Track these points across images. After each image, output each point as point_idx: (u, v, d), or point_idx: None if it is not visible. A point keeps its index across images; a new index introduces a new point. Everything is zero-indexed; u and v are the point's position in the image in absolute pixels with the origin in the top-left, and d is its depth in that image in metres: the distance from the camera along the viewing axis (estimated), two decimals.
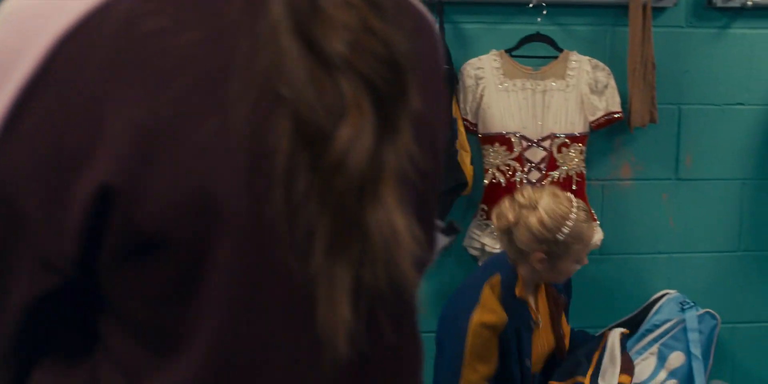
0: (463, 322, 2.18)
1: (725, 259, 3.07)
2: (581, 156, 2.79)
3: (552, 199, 2.18)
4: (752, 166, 3.03)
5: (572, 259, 2.23)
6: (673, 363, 2.79)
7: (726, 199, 3.04)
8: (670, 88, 2.94)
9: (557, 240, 2.15)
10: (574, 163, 2.78)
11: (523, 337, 2.27)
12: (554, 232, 2.14)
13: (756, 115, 3.01)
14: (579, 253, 2.22)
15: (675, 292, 2.93)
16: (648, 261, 3.02)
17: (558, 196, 2.21)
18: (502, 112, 2.77)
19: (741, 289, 3.09)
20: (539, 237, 2.15)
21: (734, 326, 3.09)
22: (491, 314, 2.18)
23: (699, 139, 3.00)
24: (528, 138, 2.77)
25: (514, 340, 2.25)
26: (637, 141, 2.97)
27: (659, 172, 2.99)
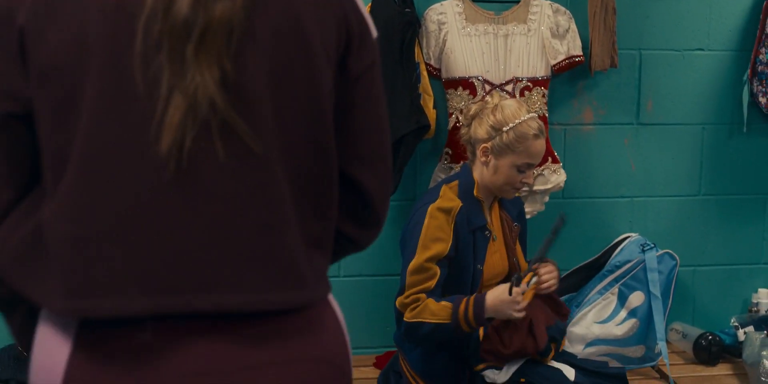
0: (421, 214, 2.30)
1: (686, 203, 3.13)
2: (543, 99, 2.82)
3: (515, 102, 2.37)
4: (712, 111, 3.08)
5: (512, 162, 2.30)
6: (633, 302, 2.85)
7: (686, 143, 3.09)
8: (631, 33, 2.98)
9: (501, 131, 2.30)
10: (537, 106, 2.81)
11: (478, 241, 2.36)
12: (502, 123, 2.30)
13: (716, 61, 3.06)
14: (519, 157, 2.30)
15: (637, 235, 2.98)
16: (610, 204, 3.08)
17: (521, 104, 2.38)
18: (465, 56, 2.79)
19: (701, 233, 3.15)
20: (490, 125, 2.31)
21: (695, 269, 3.16)
22: (448, 202, 2.32)
23: (660, 85, 3.04)
24: (491, 82, 2.80)
25: (470, 238, 2.33)
26: (598, 86, 3.01)
27: (621, 116, 3.03)
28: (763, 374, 2.66)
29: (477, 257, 2.36)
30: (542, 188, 2.85)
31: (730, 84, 3.07)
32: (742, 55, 3.06)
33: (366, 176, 1.20)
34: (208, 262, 1.05)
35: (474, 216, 2.35)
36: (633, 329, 2.84)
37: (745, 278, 3.20)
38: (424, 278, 2.29)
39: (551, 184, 2.85)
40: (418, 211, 2.33)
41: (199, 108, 1.00)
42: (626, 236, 2.99)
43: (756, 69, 3.01)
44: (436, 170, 2.90)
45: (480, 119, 2.35)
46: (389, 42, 2.66)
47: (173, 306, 1.04)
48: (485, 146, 2.32)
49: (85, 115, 1.02)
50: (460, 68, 2.80)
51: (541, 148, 2.33)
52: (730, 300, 3.20)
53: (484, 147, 2.32)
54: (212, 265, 1.05)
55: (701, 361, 2.91)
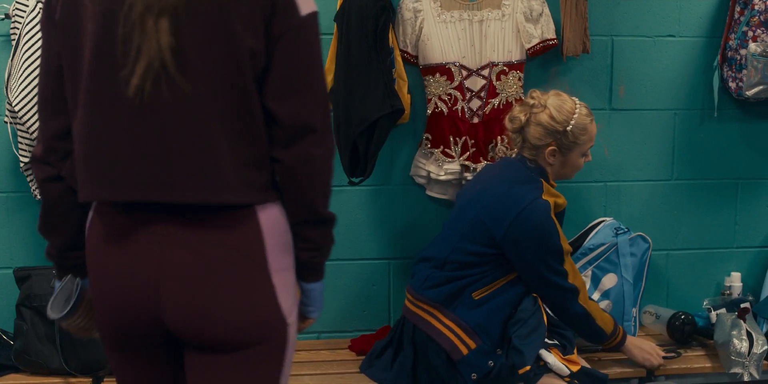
0: (543, 207, 2.36)
1: (659, 188, 3.17)
2: (519, 82, 2.86)
3: (557, 98, 2.45)
4: (684, 97, 3.13)
5: (579, 152, 2.46)
6: (606, 284, 2.89)
7: (659, 128, 3.14)
8: (603, 19, 3.03)
9: (566, 131, 2.41)
10: (513, 89, 2.85)
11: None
12: (563, 124, 2.40)
13: (686, 47, 3.11)
14: (585, 146, 2.47)
15: (611, 219, 3.02)
16: (584, 189, 3.12)
17: (561, 95, 2.48)
18: (441, 43, 2.82)
19: (675, 217, 3.20)
20: (550, 130, 2.41)
21: (668, 253, 3.21)
22: (557, 197, 2.45)
23: (632, 70, 3.08)
24: (467, 67, 2.83)
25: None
26: (571, 71, 3.05)
27: (593, 102, 3.06)
28: (733, 353, 2.70)
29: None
30: None
31: (700, 70, 3.12)
32: (712, 41, 3.10)
33: (280, 109, 1.55)
34: (161, 169, 1.52)
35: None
36: (606, 310, 2.87)
37: (718, 262, 3.24)
38: (574, 265, 2.47)
39: None
40: (533, 207, 2.35)
41: (155, 64, 1.47)
42: (601, 220, 3.03)
43: (726, 55, 3.06)
44: (417, 156, 2.94)
45: (534, 126, 2.43)
46: (363, 27, 2.69)
47: (139, 196, 1.53)
48: (552, 149, 2.42)
49: (84, 72, 1.53)
50: (437, 55, 2.83)
51: (595, 128, 2.48)
52: (703, 283, 3.24)
53: (552, 150, 2.42)
54: (164, 172, 1.52)
55: (676, 340, 2.95)
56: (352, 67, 2.71)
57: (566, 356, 2.51)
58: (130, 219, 1.57)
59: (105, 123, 1.52)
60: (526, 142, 2.46)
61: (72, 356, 2.63)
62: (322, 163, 1.61)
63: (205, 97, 1.50)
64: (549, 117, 2.41)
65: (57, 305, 1.74)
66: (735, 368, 2.71)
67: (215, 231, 1.55)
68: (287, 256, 1.65)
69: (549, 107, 2.42)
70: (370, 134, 2.73)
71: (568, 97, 2.47)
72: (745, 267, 3.24)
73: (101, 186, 1.55)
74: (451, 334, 2.42)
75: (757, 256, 3.25)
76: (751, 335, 2.73)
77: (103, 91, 1.51)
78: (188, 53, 1.48)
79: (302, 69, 1.56)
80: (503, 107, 2.85)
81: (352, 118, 2.71)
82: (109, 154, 1.53)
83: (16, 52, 2.61)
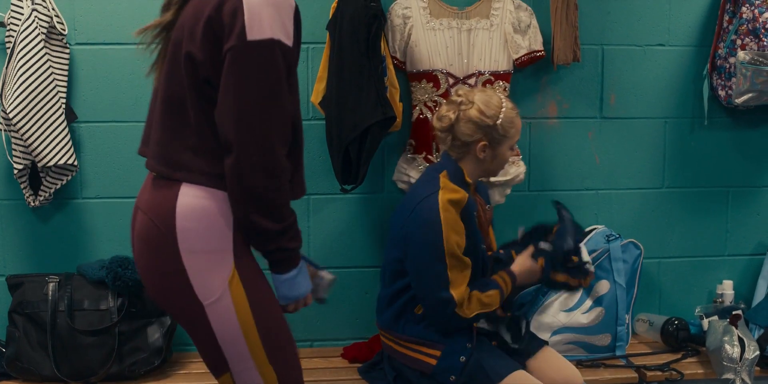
0: (432, 202, 2.32)
1: (650, 196, 3.18)
2: (505, 93, 2.88)
3: (483, 93, 2.44)
4: (674, 105, 3.15)
5: (508, 146, 2.44)
6: (598, 291, 2.90)
7: (649, 137, 3.15)
8: (593, 29, 3.06)
9: (496, 125, 2.39)
10: None
11: (473, 223, 2.43)
12: (493, 118, 2.39)
13: (676, 56, 3.13)
14: (513, 139, 2.46)
15: (602, 227, 3.04)
16: (576, 197, 3.13)
17: (486, 91, 2.48)
18: (429, 50, 2.85)
19: (666, 225, 3.21)
20: (481, 125, 2.38)
21: (660, 261, 3.21)
22: (454, 193, 2.36)
23: (622, 79, 3.11)
24: (454, 75, 2.86)
25: (474, 224, 2.42)
26: (562, 80, 3.07)
27: (584, 110, 3.09)
28: (724, 359, 2.71)
29: (477, 238, 2.45)
30: (502, 180, 2.90)
31: (690, 79, 3.14)
32: (701, 50, 3.13)
33: (216, 119, 1.74)
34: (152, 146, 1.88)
35: (469, 203, 2.41)
36: (599, 317, 2.88)
37: (710, 270, 3.25)
38: (465, 270, 2.36)
39: (510, 175, 2.91)
40: (423, 204, 2.34)
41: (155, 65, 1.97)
42: (592, 228, 3.04)
43: (715, 63, 3.09)
44: (400, 162, 2.96)
45: (463, 122, 2.39)
46: (355, 35, 2.71)
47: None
48: (483, 144, 2.39)
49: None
50: (425, 61, 2.86)
51: (520, 121, 2.48)
52: (695, 291, 3.25)
53: (483, 145, 2.39)
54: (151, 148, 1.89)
55: (671, 346, 2.95)
56: (344, 74, 2.74)
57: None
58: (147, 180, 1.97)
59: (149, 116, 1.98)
60: (455, 140, 2.42)
61: (64, 362, 2.63)
62: (248, 181, 1.68)
63: (161, 91, 1.84)
64: (478, 112, 2.38)
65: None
66: (727, 374, 2.71)
67: (151, 199, 1.81)
68: (214, 239, 1.76)
69: (477, 103, 2.39)
70: (362, 142, 2.75)
71: (493, 92, 2.47)
72: (736, 275, 3.24)
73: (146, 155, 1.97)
74: (414, 353, 2.43)
75: (748, 264, 3.26)
76: (742, 341, 2.74)
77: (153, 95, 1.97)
78: (166, 56, 1.86)
79: (230, 88, 1.69)
80: None
81: (344, 125, 2.73)
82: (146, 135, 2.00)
83: (10, 60, 2.64)
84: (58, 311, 2.66)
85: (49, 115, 2.69)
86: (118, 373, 2.66)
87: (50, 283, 2.69)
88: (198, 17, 1.74)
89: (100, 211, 2.89)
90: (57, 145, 2.70)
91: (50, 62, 2.71)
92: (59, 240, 2.89)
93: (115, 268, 2.66)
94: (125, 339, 2.68)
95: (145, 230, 1.80)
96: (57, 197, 2.86)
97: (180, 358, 2.89)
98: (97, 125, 2.87)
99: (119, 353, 2.66)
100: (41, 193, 2.79)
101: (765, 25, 2.88)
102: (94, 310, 2.68)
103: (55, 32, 2.75)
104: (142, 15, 2.82)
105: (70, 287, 2.69)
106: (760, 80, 2.91)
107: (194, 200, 1.76)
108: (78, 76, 2.84)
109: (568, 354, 2.80)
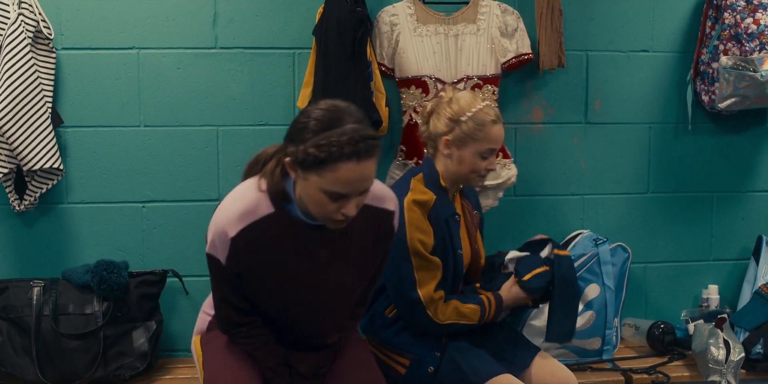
0: (399, 204, 2.30)
1: (636, 201, 3.20)
2: (494, 96, 2.90)
3: (469, 93, 2.44)
4: (659, 111, 3.17)
5: (475, 150, 2.37)
6: (589, 295, 2.90)
7: (634, 142, 3.17)
8: (577, 34, 3.08)
9: (460, 121, 2.36)
10: None
11: (452, 227, 2.42)
12: (460, 114, 2.36)
13: (660, 62, 3.16)
14: (481, 145, 2.36)
15: (588, 232, 3.05)
16: (562, 202, 3.14)
17: (476, 94, 2.48)
18: (417, 56, 2.87)
19: (652, 230, 3.22)
20: (448, 118, 2.38)
21: (646, 266, 3.23)
22: (420, 194, 2.36)
23: (607, 84, 3.13)
24: (442, 80, 2.87)
25: (445, 227, 2.40)
26: (547, 86, 3.09)
27: (569, 116, 3.11)
28: (710, 361, 2.71)
29: (455, 243, 2.43)
30: (494, 183, 2.91)
31: (674, 84, 3.17)
32: (684, 56, 3.16)
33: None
34: None
35: (443, 206, 2.40)
36: (590, 321, 2.88)
37: (695, 274, 3.26)
38: (433, 270, 2.35)
39: (502, 178, 2.91)
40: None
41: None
42: (578, 233, 3.05)
43: (698, 69, 3.12)
44: (391, 167, 2.96)
45: (437, 114, 2.41)
46: (342, 40, 2.72)
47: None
48: (447, 139, 2.38)
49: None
50: (413, 68, 2.87)
51: (501, 133, 2.40)
52: (681, 296, 3.26)
53: (446, 140, 2.38)
54: None
55: (657, 350, 2.95)
56: (330, 79, 2.74)
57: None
58: None
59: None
60: (428, 133, 2.45)
61: (49, 367, 2.61)
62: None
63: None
64: (450, 106, 2.38)
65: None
66: (713, 376, 2.71)
67: None
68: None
69: (455, 98, 2.40)
70: None
71: (480, 97, 2.47)
72: (721, 279, 3.26)
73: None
74: (386, 358, 2.45)
75: (733, 269, 3.27)
76: (728, 343, 2.74)
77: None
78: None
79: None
80: None
81: None
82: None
83: None
84: (42, 315, 2.64)
85: (35, 119, 2.68)
86: (102, 377, 2.64)
87: (35, 288, 2.68)
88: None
89: (85, 216, 2.88)
90: (43, 149, 2.69)
91: (36, 66, 2.71)
92: (44, 245, 2.88)
93: (100, 272, 2.65)
94: (110, 343, 2.67)
95: None
96: (42, 202, 2.84)
97: (165, 364, 2.88)
98: (83, 130, 2.86)
99: (104, 358, 2.65)
100: (26, 198, 2.78)
101: (747, 31, 2.91)
102: (79, 315, 2.67)
103: (42, 37, 2.75)
104: (128, 20, 2.84)
105: (55, 291, 2.68)
106: (743, 85, 2.94)
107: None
108: (64, 81, 2.84)
109: (559, 358, 2.79)
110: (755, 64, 2.90)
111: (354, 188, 1.84)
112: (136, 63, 2.86)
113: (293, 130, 1.87)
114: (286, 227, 1.97)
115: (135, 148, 2.89)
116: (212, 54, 2.90)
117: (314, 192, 1.85)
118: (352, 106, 1.90)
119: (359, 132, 1.80)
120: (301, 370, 2.15)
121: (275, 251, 1.99)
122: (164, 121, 2.89)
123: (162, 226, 2.92)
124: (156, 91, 2.88)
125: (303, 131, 1.83)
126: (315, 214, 1.92)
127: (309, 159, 1.81)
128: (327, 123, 1.82)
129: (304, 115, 1.86)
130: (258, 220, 1.95)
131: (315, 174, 1.82)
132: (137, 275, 2.76)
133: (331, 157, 1.79)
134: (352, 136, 1.79)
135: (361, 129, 1.82)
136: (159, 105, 2.89)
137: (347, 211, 1.88)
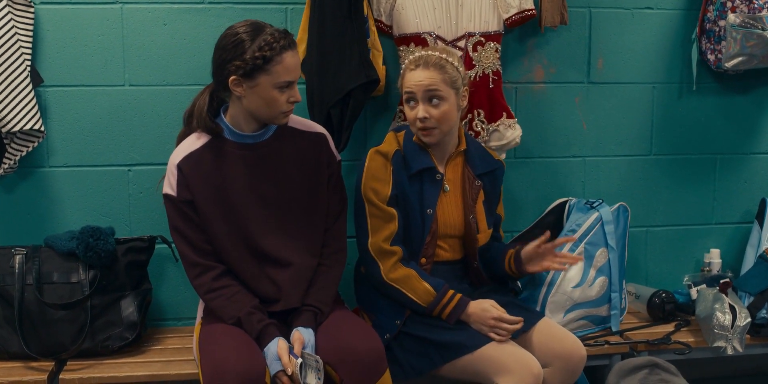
0: (363, 157, 2.42)
1: (638, 163, 3.12)
2: (496, 54, 2.79)
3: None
4: (663, 70, 3.08)
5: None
6: (599, 260, 2.80)
7: (637, 102, 3.09)
8: None
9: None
10: (490, 61, 2.77)
11: (425, 185, 2.41)
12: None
13: (664, 19, 3.06)
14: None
15: (574, 199, 2.96)
16: (563, 164, 3.05)
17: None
18: (416, 12, 2.74)
19: (654, 193, 3.15)
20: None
21: (648, 229, 3.16)
22: (386, 146, 2.46)
23: (610, 43, 3.03)
24: (443, 37, 2.75)
25: (416, 182, 2.40)
26: (548, 44, 2.98)
27: (571, 75, 3.01)
28: (716, 327, 2.66)
29: (425, 202, 2.40)
30: (498, 144, 2.81)
31: (679, 43, 3.08)
32: (690, 13, 3.06)
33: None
34: None
35: (414, 160, 2.41)
36: (603, 287, 2.79)
37: (697, 238, 3.20)
38: (387, 220, 2.36)
39: (507, 139, 2.81)
40: (363, 157, 2.44)
41: None
42: (564, 200, 2.97)
43: (704, 27, 3.02)
44: (390, 128, 2.84)
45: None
46: None
47: None
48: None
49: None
50: (412, 24, 2.75)
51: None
52: (683, 260, 3.21)
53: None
54: None
55: (656, 319, 2.90)
56: (326, 36, 2.62)
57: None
58: None
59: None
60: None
61: (33, 339, 2.50)
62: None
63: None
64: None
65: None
66: (718, 342, 2.66)
67: None
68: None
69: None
70: (345, 105, 2.65)
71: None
72: (724, 243, 3.20)
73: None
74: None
75: (735, 232, 3.22)
76: (734, 308, 2.69)
77: None
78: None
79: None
80: (480, 79, 2.77)
81: (325, 88, 2.62)
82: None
83: None
84: (26, 285, 2.52)
85: (13, 78, 2.55)
86: (90, 348, 2.54)
87: (17, 256, 2.55)
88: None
89: (68, 180, 2.76)
90: (22, 109, 2.56)
91: (14, 22, 2.57)
92: (25, 210, 2.75)
93: (86, 239, 2.53)
94: (97, 313, 2.56)
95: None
96: (22, 165, 2.72)
97: (155, 333, 2.78)
98: (65, 89, 2.72)
99: (91, 328, 2.54)
100: (6, 161, 2.65)
101: None
102: (64, 283, 2.55)
103: None
104: None
105: (38, 259, 2.56)
106: (751, 44, 2.85)
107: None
108: (43, 38, 2.69)
109: (579, 330, 2.73)
110: (764, 22, 2.82)
111: (295, 74, 2.25)
112: (120, 18, 2.71)
113: (227, 51, 2.20)
114: (222, 150, 2.30)
115: (120, 108, 2.76)
116: (201, 9, 2.76)
117: (266, 92, 2.21)
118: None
119: (280, 29, 2.23)
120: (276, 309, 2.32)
121: (217, 172, 2.29)
122: (150, 80, 2.76)
123: (149, 190, 2.80)
124: (141, 48, 2.74)
125: (239, 45, 2.18)
126: (267, 115, 2.27)
127: (258, 62, 2.17)
128: (254, 32, 2.20)
129: (230, 36, 2.21)
130: (197, 148, 2.31)
131: (264, 73, 2.19)
132: (124, 242, 2.64)
133: (275, 52, 2.17)
134: (280, 32, 2.22)
135: (278, 27, 2.25)
136: (145, 63, 2.75)
137: (294, 97, 2.26)
